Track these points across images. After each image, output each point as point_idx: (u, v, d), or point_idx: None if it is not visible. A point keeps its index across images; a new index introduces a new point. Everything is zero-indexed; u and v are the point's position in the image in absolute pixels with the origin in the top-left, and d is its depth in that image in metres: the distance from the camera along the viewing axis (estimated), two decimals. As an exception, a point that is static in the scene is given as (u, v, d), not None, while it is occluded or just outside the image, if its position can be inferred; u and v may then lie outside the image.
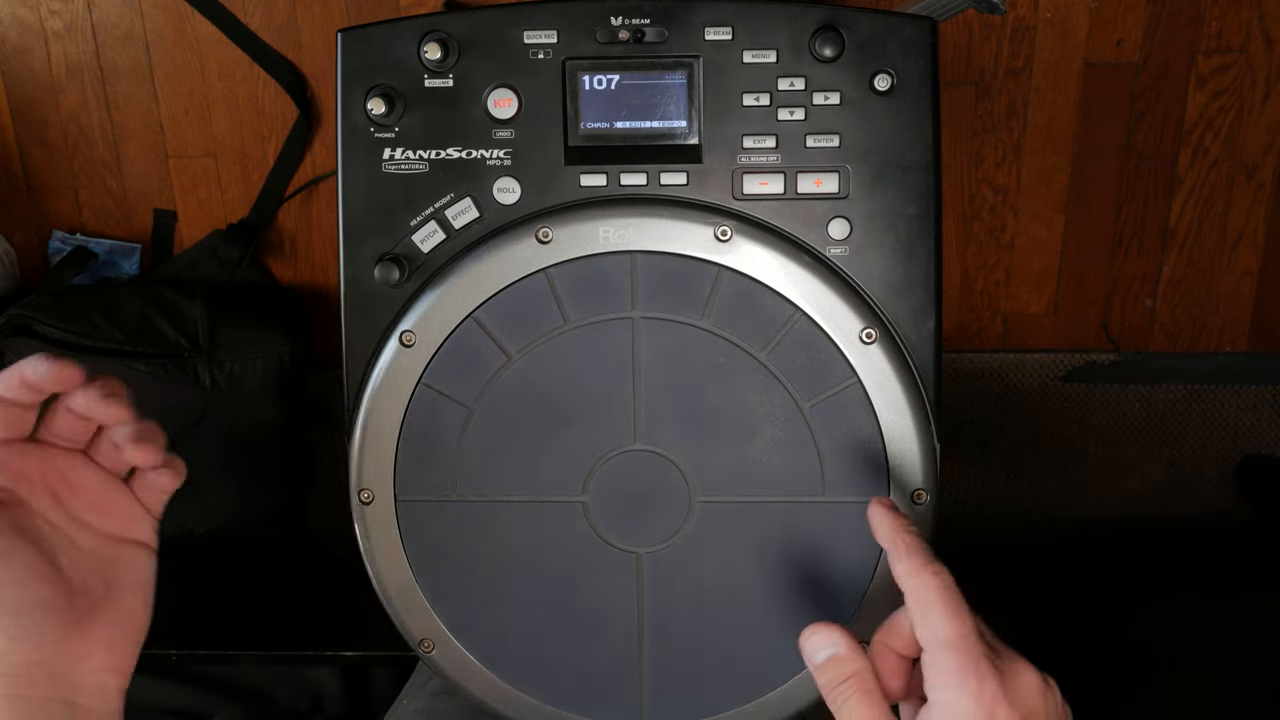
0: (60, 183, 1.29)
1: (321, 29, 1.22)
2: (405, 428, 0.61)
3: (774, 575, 0.62)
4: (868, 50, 0.59)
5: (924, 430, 0.61)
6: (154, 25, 1.22)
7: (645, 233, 0.59)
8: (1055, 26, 1.20)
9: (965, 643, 0.49)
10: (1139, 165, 1.25)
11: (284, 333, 1.22)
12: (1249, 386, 1.32)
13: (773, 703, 0.63)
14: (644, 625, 0.63)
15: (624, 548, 0.62)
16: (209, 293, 1.21)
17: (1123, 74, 1.21)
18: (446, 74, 0.59)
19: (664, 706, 0.63)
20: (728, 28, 0.58)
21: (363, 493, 0.62)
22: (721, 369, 0.60)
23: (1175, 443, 1.34)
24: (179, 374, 1.16)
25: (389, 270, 0.60)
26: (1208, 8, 1.19)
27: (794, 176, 0.60)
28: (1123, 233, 1.28)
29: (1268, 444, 1.33)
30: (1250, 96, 1.22)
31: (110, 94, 1.25)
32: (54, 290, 1.21)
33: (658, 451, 0.61)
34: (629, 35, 0.59)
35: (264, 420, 1.21)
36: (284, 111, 1.25)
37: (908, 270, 0.60)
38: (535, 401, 0.60)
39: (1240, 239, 1.27)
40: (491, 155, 0.60)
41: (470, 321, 0.60)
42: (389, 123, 0.59)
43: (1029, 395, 1.34)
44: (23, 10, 1.22)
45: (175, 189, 1.29)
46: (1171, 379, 1.32)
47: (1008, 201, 1.27)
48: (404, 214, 0.60)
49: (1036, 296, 1.31)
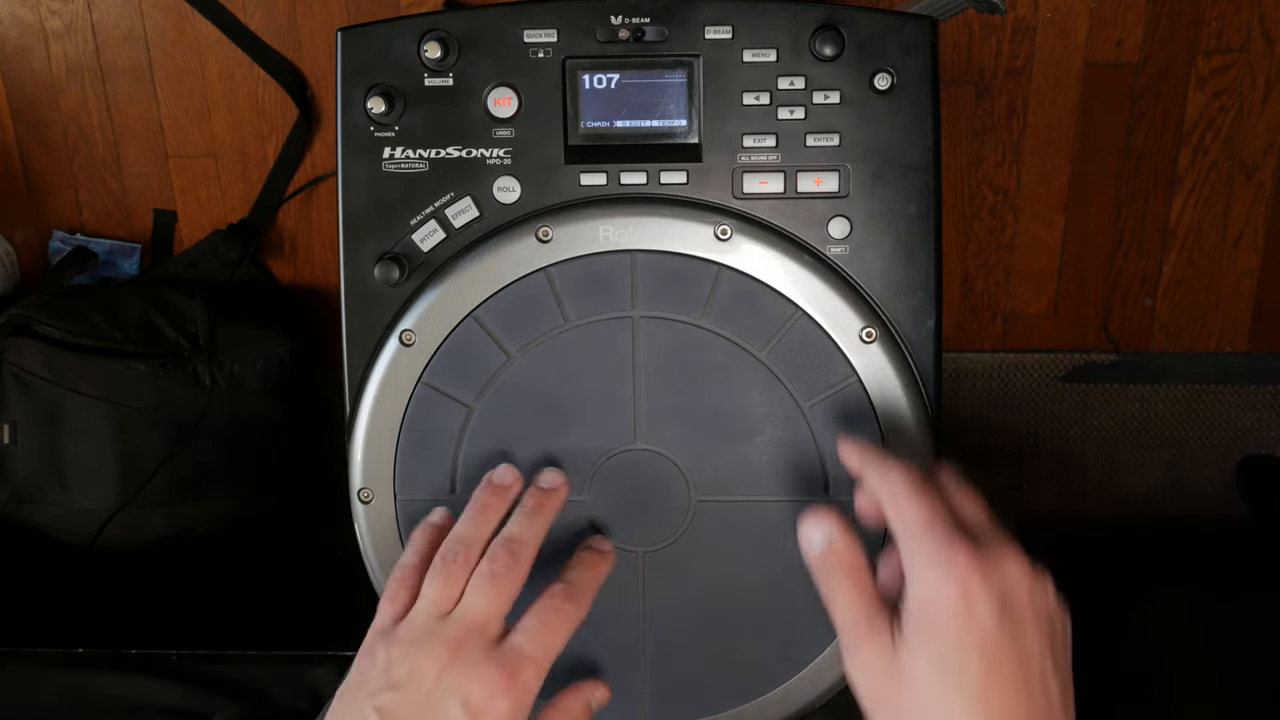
0: (60, 183, 1.29)
1: (321, 29, 1.22)
2: (405, 427, 0.61)
3: (774, 575, 0.62)
4: (868, 49, 0.59)
5: (924, 430, 0.61)
6: (154, 25, 1.22)
7: (645, 232, 0.59)
8: (1055, 26, 1.20)
9: (934, 521, 0.49)
10: (1139, 165, 1.25)
11: (284, 333, 1.22)
12: (1249, 386, 1.32)
13: (773, 703, 0.63)
14: (644, 624, 0.62)
15: (624, 547, 0.62)
16: (209, 293, 1.21)
17: (1123, 74, 1.21)
18: (446, 73, 0.59)
19: (664, 706, 0.63)
20: (728, 27, 0.58)
21: (363, 492, 0.62)
22: (721, 368, 0.60)
23: (1175, 443, 1.34)
24: (179, 374, 1.16)
25: (389, 269, 0.60)
26: (1208, 8, 1.19)
27: (794, 175, 0.60)
28: (1123, 233, 1.28)
29: (1268, 444, 1.33)
30: (1250, 96, 1.22)
31: (110, 94, 1.25)
32: (54, 290, 1.21)
33: (658, 451, 0.61)
34: (629, 34, 0.59)
35: (264, 420, 1.21)
36: (284, 111, 1.25)
37: (908, 269, 0.60)
38: (535, 401, 0.60)
39: (1240, 239, 1.27)
40: (491, 154, 0.60)
41: (470, 321, 0.60)
42: (389, 122, 0.59)
43: (1029, 395, 1.33)
44: (23, 10, 1.22)
45: (175, 189, 1.29)
46: (1171, 379, 1.32)
47: (1008, 201, 1.27)
48: (404, 213, 0.60)
49: (1036, 296, 1.31)
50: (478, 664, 0.52)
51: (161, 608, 1.13)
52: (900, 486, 0.50)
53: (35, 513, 1.17)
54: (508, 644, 0.53)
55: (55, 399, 1.14)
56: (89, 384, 1.14)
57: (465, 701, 0.51)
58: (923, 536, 0.48)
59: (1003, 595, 0.47)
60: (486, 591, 0.54)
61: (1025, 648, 0.47)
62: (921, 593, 0.48)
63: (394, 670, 0.53)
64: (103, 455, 1.15)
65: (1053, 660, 0.48)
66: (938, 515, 0.49)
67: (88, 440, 1.14)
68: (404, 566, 0.57)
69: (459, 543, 0.55)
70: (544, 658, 0.53)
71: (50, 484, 1.16)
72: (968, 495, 0.53)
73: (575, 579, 0.57)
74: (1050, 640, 0.48)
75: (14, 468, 1.15)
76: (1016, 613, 0.47)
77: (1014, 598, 0.47)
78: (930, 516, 0.49)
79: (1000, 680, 0.46)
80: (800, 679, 0.63)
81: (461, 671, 0.52)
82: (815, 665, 0.62)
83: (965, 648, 0.46)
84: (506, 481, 0.58)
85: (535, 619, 0.54)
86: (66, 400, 1.14)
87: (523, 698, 0.52)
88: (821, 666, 0.62)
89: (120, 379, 1.14)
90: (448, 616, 0.54)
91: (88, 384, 1.14)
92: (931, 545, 0.48)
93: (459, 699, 0.51)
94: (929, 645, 0.47)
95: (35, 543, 1.19)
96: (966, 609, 0.46)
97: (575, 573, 0.57)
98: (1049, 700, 0.47)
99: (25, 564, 1.19)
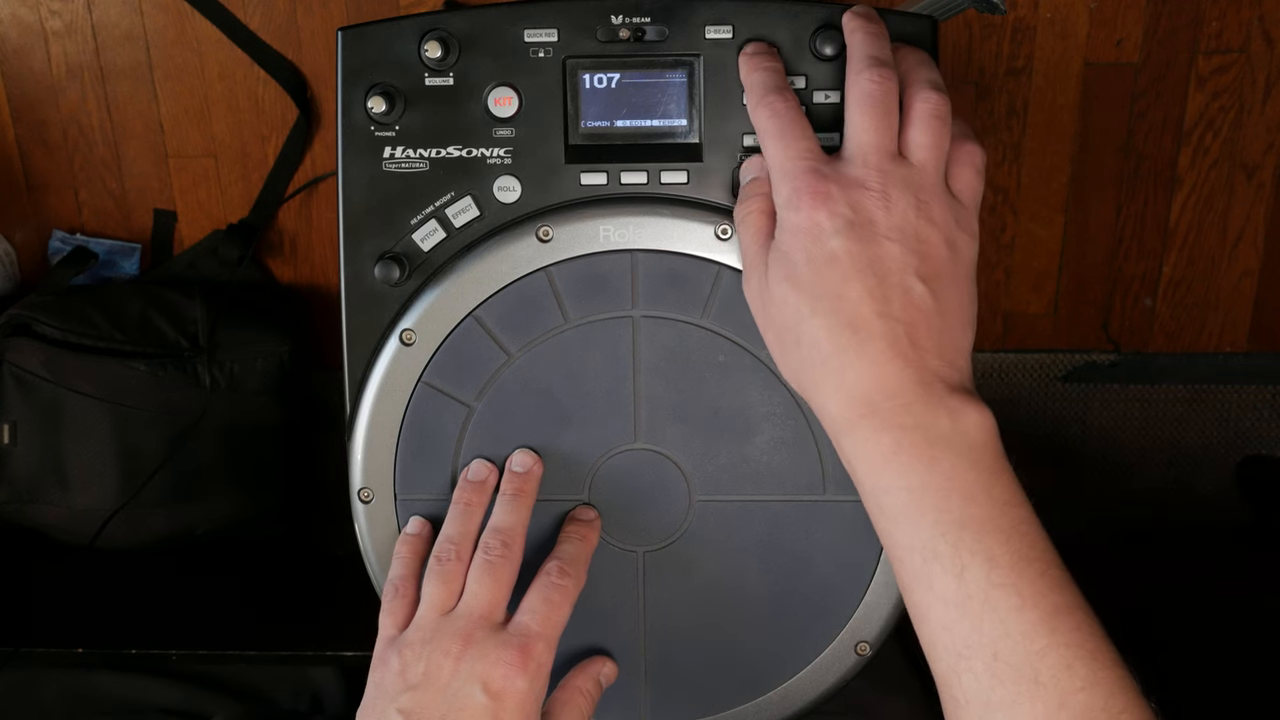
0: (60, 183, 1.29)
1: (321, 29, 1.22)
2: (405, 427, 0.61)
3: (774, 574, 0.62)
4: (868, 49, 0.59)
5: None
6: (154, 25, 1.22)
7: (646, 231, 0.59)
8: (1055, 26, 1.20)
9: (790, 164, 0.52)
10: (1139, 165, 1.25)
11: (284, 333, 1.22)
12: (1249, 386, 1.32)
13: (773, 702, 0.63)
14: (644, 624, 0.62)
15: (624, 547, 0.62)
16: (209, 293, 1.21)
17: (1123, 74, 1.21)
18: (447, 72, 0.59)
19: (664, 705, 0.63)
20: (728, 26, 0.58)
21: (363, 492, 0.62)
22: (722, 368, 0.60)
23: (1175, 443, 1.34)
24: (179, 374, 1.16)
25: (389, 269, 0.60)
26: (1208, 8, 1.19)
27: (794, 175, 0.59)
28: (1123, 233, 1.28)
29: (1268, 444, 1.33)
30: (1250, 96, 1.22)
31: (110, 94, 1.25)
32: (54, 290, 1.21)
33: (658, 450, 0.61)
34: (629, 34, 0.59)
35: (264, 420, 1.21)
36: (284, 111, 1.25)
37: (908, 269, 0.60)
38: (535, 400, 0.60)
39: (1240, 239, 1.27)
40: (492, 154, 0.60)
41: (470, 320, 0.60)
42: (389, 121, 0.59)
43: (1029, 395, 1.34)
44: (23, 10, 1.22)
45: (175, 189, 1.29)
46: (1171, 379, 1.32)
47: (1008, 201, 1.27)
48: (404, 213, 0.60)
49: (1036, 296, 1.31)
50: (490, 648, 0.54)
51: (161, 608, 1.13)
52: (766, 124, 0.54)
53: (35, 513, 1.17)
54: (515, 625, 0.55)
55: (55, 399, 1.14)
56: (89, 384, 1.14)
57: (485, 685, 0.53)
58: (779, 178, 0.53)
59: (849, 220, 0.50)
60: (485, 581, 0.56)
61: (876, 256, 0.50)
62: (780, 225, 0.52)
63: (409, 672, 0.54)
64: (103, 455, 1.15)
65: (917, 267, 0.50)
66: (793, 156, 0.52)
67: (88, 440, 1.14)
68: (395, 579, 0.59)
69: (450, 542, 0.58)
70: (551, 633, 0.56)
71: (50, 484, 1.16)
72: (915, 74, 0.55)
73: (567, 553, 0.59)
74: (914, 250, 0.50)
75: (14, 468, 1.16)
76: (865, 232, 0.50)
77: (862, 219, 0.50)
78: (786, 159, 0.52)
79: (850, 286, 0.50)
80: (800, 679, 0.63)
81: (476, 658, 0.53)
82: (815, 665, 0.62)
83: (815, 262, 0.50)
84: (482, 476, 0.60)
85: (536, 597, 0.56)
86: (66, 400, 1.14)
87: (538, 674, 0.54)
88: (821, 666, 0.62)
89: (120, 379, 1.14)
90: (452, 612, 0.56)
91: (88, 384, 1.14)
92: (788, 186, 0.52)
93: (479, 683, 0.53)
94: (783, 268, 0.52)
95: (35, 543, 1.19)
96: (813, 235, 0.50)
97: (566, 547, 0.59)
98: (909, 297, 0.50)
99: (25, 564, 1.19)
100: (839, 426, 0.51)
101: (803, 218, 0.51)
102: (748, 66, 0.57)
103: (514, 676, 0.53)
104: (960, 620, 0.47)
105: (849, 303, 0.50)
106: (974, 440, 0.49)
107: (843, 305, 0.50)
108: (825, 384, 0.51)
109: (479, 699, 0.52)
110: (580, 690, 0.59)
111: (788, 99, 0.54)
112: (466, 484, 0.60)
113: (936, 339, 0.51)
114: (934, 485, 0.48)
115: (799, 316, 0.51)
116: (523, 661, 0.54)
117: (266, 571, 1.23)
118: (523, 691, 0.53)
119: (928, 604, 0.48)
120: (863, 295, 0.50)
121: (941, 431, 0.49)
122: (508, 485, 0.59)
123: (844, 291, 0.50)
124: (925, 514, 0.48)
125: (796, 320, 0.51)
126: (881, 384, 0.49)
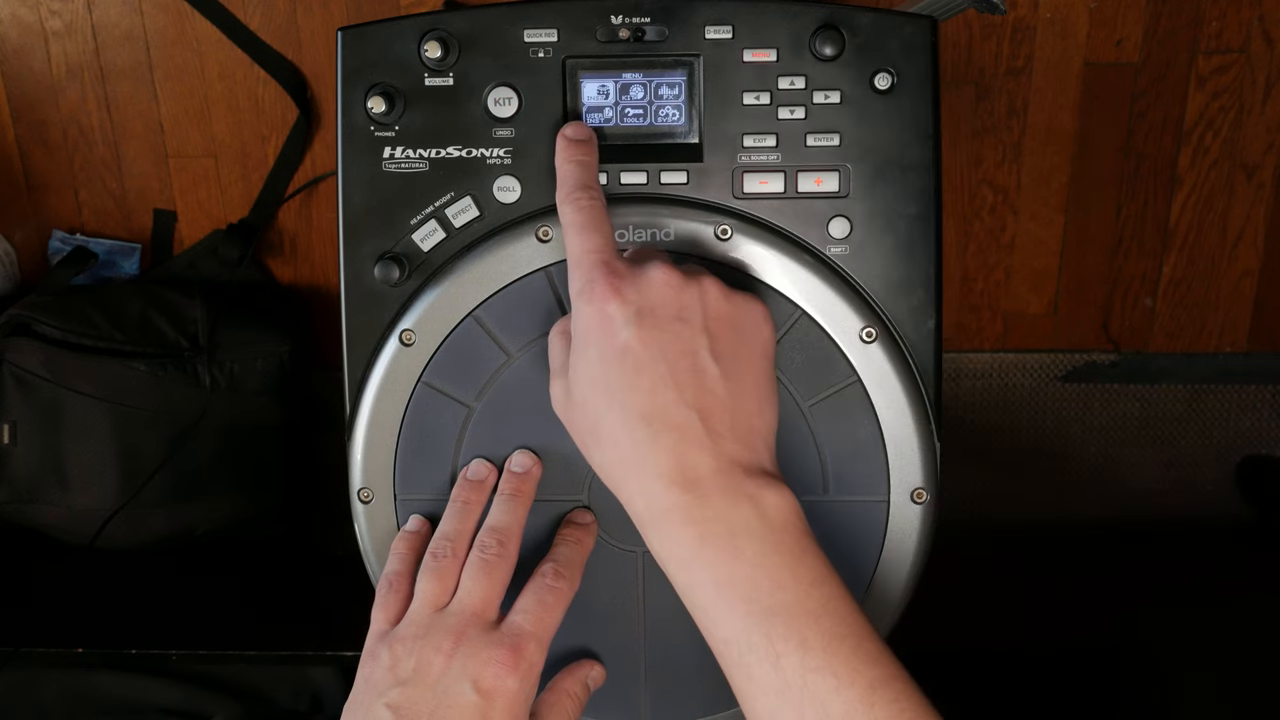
0: (60, 183, 1.29)
1: (321, 29, 1.22)
2: (405, 427, 0.61)
3: (774, 574, 0.61)
4: (868, 49, 0.59)
5: (924, 429, 0.61)
6: (154, 25, 1.22)
7: (645, 231, 0.59)
8: (1055, 26, 1.20)
9: (588, 257, 0.53)
10: (1139, 165, 1.25)
11: (284, 333, 1.22)
12: (1249, 386, 1.32)
13: (773, 702, 0.63)
14: (644, 624, 0.62)
15: (624, 547, 0.62)
16: (209, 293, 1.21)
17: (1123, 74, 1.21)
18: (447, 73, 0.59)
19: (665, 705, 0.63)
20: (728, 26, 0.58)
21: (362, 492, 0.62)
22: (722, 368, 0.60)
23: (1175, 443, 1.34)
24: (179, 374, 1.16)
25: (389, 269, 0.60)
26: (1208, 8, 1.19)
27: (794, 175, 0.60)
28: (1123, 233, 1.28)
29: (1268, 444, 1.33)
30: (1250, 96, 1.22)
31: (110, 94, 1.25)
32: (54, 290, 1.21)
33: (658, 451, 0.61)
34: (629, 34, 0.59)
35: (264, 420, 1.21)
36: (284, 111, 1.25)
37: (908, 269, 0.60)
38: (535, 400, 0.60)
39: (1240, 239, 1.27)
40: (492, 154, 0.60)
41: (470, 320, 0.60)
42: (389, 121, 0.59)
43: (1029, 395, 1.34)
44: (23, 10, 1.22)
45: (175, 189, 1.29)
46: (1171, 379, 1.32)
47: (1008, 201, 1.27)
48: (404, 213, 0.60)
49: (1036, 296, 1.31)
50: (482, 646, 0.54)
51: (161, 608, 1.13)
52: (570, 218, 0.55)
53: (35, 513, 1.17)
54: (507, 624, 0.55)
55: (55, 399, 1.14)
56: (89, 384, 1.14)
57: (475, 683, 0.53)
58: (575, 270, 0.53)
59: (639, 309, 0.51)
60: (480, 579, 0.56)
61: (667, 340, 0.50)
62: (575, 321, 0.53)
63: (400, 667, 0.54)
64: (103, 455, 1.15)
65: (710, 345, 0.51)
66: (591, 251, 0.53)
67: (88, 440, 1.14)
68: (390, 574, 0.59)
69: (446, 539, 0.58)
70: (544, 634, 0.56)
71: (50, 484, 1.16)
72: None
73: (562, 556, 0.59)
74: (705, 330, 0.51)
75: (14, 468, 1.16)
76: (656, 318, 0.51)
77: (652, 307, 0.51)
78: (583, 252, 0.53)
79: (642, 377, 0.50)
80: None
81: (467, 656, 0.53)
82: (815, 665, 0.62)
83: (607, 358, 0.51)
84: (481, 475, 0.60)
85: (530, 598, 0.56)
86: (66, 400, 1.14)
87: (528, 674, 0.54)
88: (821, 666, 0.62)
89: (120, 379, 1.14)
90: (445, 609, 0.56)
91: (88, 384, 1.14)
92: (581, 277, 0.52)
93: (469, 681, 0.53)
94: (581, 367, 0.52)
95: (35, 543, 1.19)
96: (604, 327, 0.51)
97: (561, 550, 0.59)
98: (701, 380, 0.50)
99: (25, 564, 1.20)
100: (644, 523, 0.51)
101: (594, 309, 0.51)
102: (563, 155, 0.57)
103: (505, 676, 0.53)
104: (783, 708, 0.47)
105: (641, 394, 0.50)
106: (776, 523, 0.49)
107: (635, 398, 0.50)
108: (628, 481, 0.51)
109: (469, 697, 0.52)
110: (568, 693, 0.60)
111: (593, 195, 0.55)
112: (465, 483, 0.60)
113: (731, 421, 0.51)
114: (741, 576, 0.48)
115: (598, 414, 0.51)
116: (514, 661, 0.54)
117: (266, 571, 1.23)
118: (513, 691, 0.53)
119: (751, 694, 0.49)
120: (654, 385, 0.50)
121: (743, 519, 0.49)
122: (506, 485, 0.59)
123: (636, 383, 0.50)
124: (735, 606, 0.48)
125: (596, 419, 0.52)
126: (680, 476, 0.50)
